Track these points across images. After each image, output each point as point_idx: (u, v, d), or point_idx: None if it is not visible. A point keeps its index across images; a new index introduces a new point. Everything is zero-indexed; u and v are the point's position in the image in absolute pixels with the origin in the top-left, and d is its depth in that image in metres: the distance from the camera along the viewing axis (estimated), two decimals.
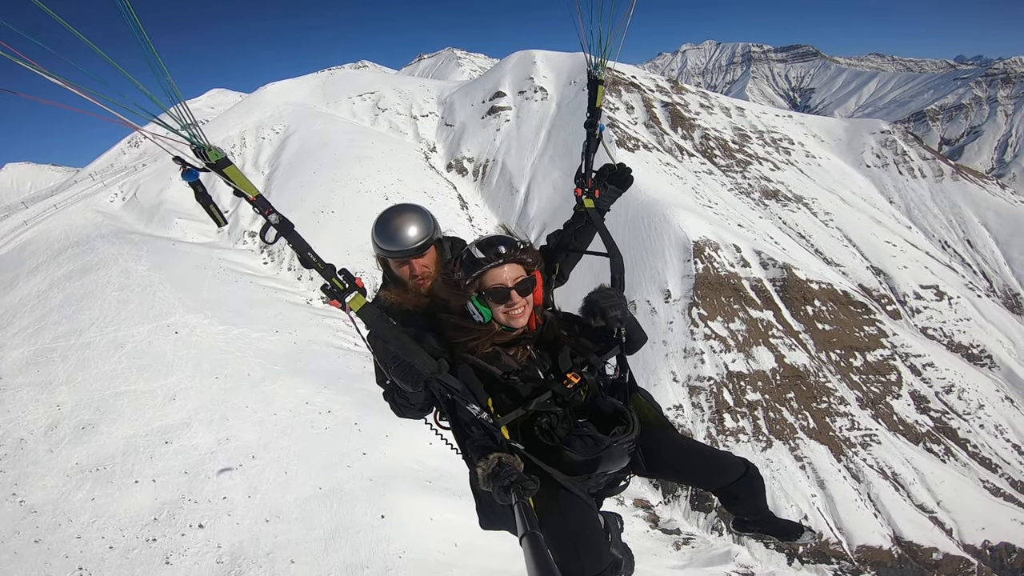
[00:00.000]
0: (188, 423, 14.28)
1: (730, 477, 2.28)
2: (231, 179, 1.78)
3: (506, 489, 1.75)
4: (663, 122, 47.61)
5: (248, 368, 16.75)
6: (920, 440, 28.98)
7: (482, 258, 2.09)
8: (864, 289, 37.00)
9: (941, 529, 26.05)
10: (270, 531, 11.25)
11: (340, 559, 10.69)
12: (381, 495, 12.69)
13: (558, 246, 2.59)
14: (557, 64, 52.73)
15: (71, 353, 16.14)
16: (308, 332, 21.13)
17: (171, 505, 11.60)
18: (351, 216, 33.87)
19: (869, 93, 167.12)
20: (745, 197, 42.34)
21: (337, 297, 1.95)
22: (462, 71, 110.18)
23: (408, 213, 2.42)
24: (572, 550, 1.95)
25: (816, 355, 29.22)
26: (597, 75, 2.47)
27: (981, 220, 46.06)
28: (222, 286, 23.76)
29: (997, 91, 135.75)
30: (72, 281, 20.32)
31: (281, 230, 1.91)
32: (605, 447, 2.02)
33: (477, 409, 2.01)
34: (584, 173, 2.60)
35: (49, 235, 26.06)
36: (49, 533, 10.50)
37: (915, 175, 48.75)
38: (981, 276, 43.31)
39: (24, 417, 14.12)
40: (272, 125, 46.36)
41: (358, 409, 15.89)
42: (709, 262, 29.73)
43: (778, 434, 25.86)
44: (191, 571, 9.90)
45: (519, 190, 41.87)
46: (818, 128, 54.15)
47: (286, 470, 13.28)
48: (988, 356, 35.56)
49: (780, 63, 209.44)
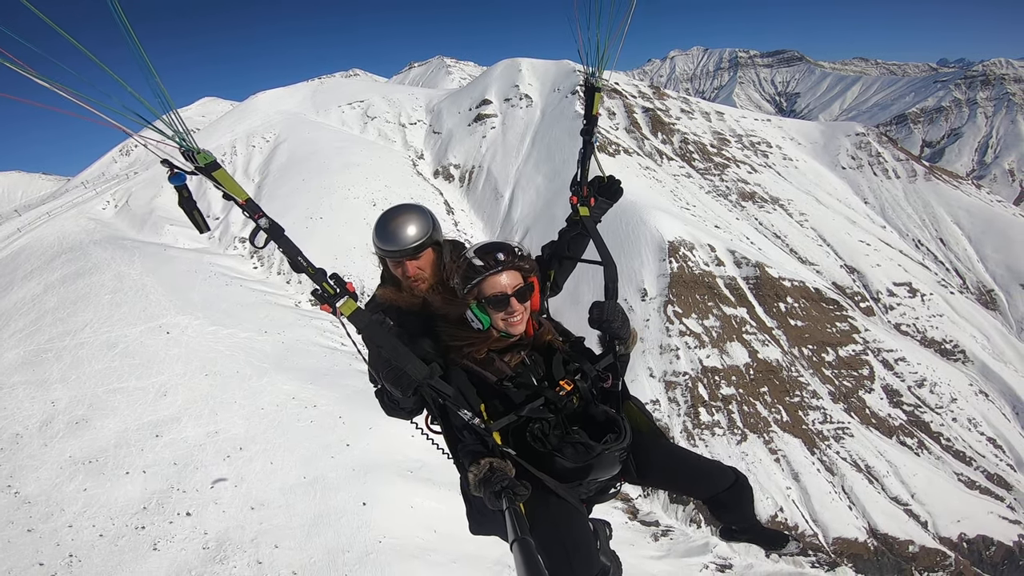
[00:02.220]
0: (178, 418, 14.73)
1: (720, 486, 2.31)
2: (220, 182, 1.77)
3: (497, 494, 1.75)
4: (644, 127, 48.63)
5: (237, 366, 17.29)
6: (893, 433, 29.68)
7: (481, 265, 2.08)
8: (838, 287, 37.93)
9: (916, 522, 26.53)
10: (255, 518, 11.65)
11: (322, 543, 11.10)
12: (363, 484, 13.11)
13: (552, 255, 2.61)
14: (542, 72, 53.71)
15: (65, 353, 16.66)
16: (296, 332, 21.69)
17: (160, 495, 12.01)
18: (339, 222, 34.58)
19: (853, 97, 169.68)
20: (722, 199, 43.40)
21: (328, 302, 1.94)
22: (452, 79, 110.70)
23: (407, 214, 2.39)
24: (562, 556, 1.94)
25: (789, 350, 30.05)
26: (594, 83, 2.48)
27: (953, 219, 47.15)
28: (212, 289, 24.26)
29: (976, 93, 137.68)
30: (66, 285, 20.79)
31: (271, 234, 1.90)
32: (596, 454, 2.02)
33: (469, 414, 2.00)
34: (580, 181, 2.61)
35: (43, 241, 26.50)
36: (42, 522, 10.91)
37: (889, 176, 49.93)
38: (954, 273, 44.39)
39: (20, 413, 14.56)
40: (263, 133, 46.76)
41: (343, 404, 16.39)
42: (684, 261, 30.60)
43: (752, 427, 26.56)
44: (177, 557, 10.28)
45: (504, 195, 42.67)
46: (795, 131, 55.41)
47: (272, 461, 13.73)
48: (961, 351, 36.46)
49: (766, 68, 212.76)
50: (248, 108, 53.46)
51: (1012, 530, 27.58)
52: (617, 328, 2.21)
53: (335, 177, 39.77)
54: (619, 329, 2.22)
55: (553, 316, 2.47)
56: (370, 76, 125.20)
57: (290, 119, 49.72)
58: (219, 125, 50.84)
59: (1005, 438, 32.13)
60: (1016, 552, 26.76)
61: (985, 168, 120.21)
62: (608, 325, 2.21)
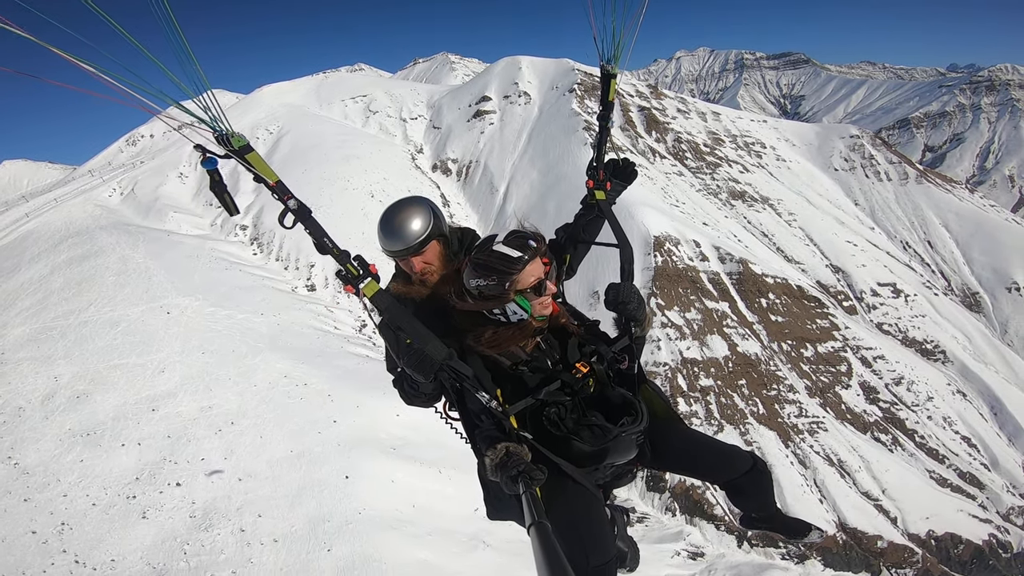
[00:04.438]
0: (174, 393, 15.29)
1: (737, 471, 2.28)
2: (252, 165, 1.80)
3: (514, 479, 1.75)
4: (638, 126, 49.33)
5: (233, 344, 17.97)
6: (868, 429, 30.23)
7: (520, 256, 2.04)
8: (822, 285, 38.56)
9: (886, 517, 26.99)
10: (242, 488, 12.07)
11: (304, 512, 11.49)
12: (347, 458, 13.52)
13: (568, 238, 2.60)
14: (541, 70, 54.41)
15: (70, 331, 17.36)
16: (291, 315, 22.49)
17: (152, 466, 12.28)
18: (337, 212, 35.38)
19: (858, 100, 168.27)
20: (712, 197, 44.12)
21: (351, 283, 1.96)
22: (455, 75, 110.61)
23: (406, 211, 2.35)
24: (577, 540, 1.92)
25: (768, 345, 30.74)
26: (610, 69, 2.45)
27: (942, 222, 47.69)
28: (213, 273, 24.99)
29: (981, 98, 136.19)
30: (72, 267, 21.51)
31: (299, 216, 1.91)
32: (613, 437, 2.01)
33: (487, 397, 1.99)
34: (596, 165, 2.60)
35: (50, 226, 27.28)
36: (38, 492, 11.21)
37: (881, 178, 50.50)
38: (939, 275, 44.93)
39: (24, 388, 15.01)
40: (267, 126, 47.53)
41: (332, 382, 16.96)
42: (668, 256, 31.31)
43: (729, 419, 27.21)
44: (165, 524, 10.66)
45: (499, 189, 43.42)
46: (791, 133, 56.01)
47: (261, 435, 14.20)
48: (942, 351, 37.02)
49: (772, 70, 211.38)
50: (254, 101, 54.24)
51: (982, 529, 28.07)
52: (633, 310, 2.21)
53: (335, 168, 40.55)
54: (635, 311, 2.21)
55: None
56: (375, 71, 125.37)
57: (294, 112, 50.45)
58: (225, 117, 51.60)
59: (980, 437, 32.63)
60: (986, 551, 27.23)
61: (986, 173, 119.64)
62: (624, 307, 2.21)
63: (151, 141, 54.03)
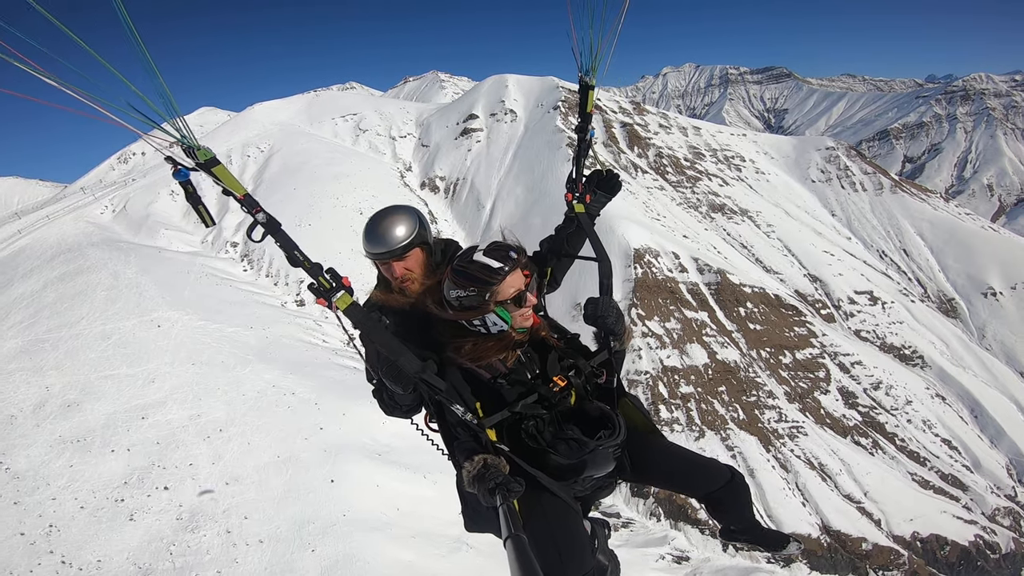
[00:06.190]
0: (164, 402, 15.49)
1: (715, 484, 2.29)
2: (219, 178, 1.81)
3: (491, 491, 1.74)
4: (620, 141, 50.50)
5: (222, 356, 18.26)
6: (848, 433, 30.75)
7: (500, 267, 2.04)
8: (800, 294, 39.37)
9: (869, 519, 27.24)
10: (229, 492, 12.27)
11: (289, 515, 11.66)
12: (333, 464, 13.74)
13: (550, 251, 2.60)
14: (527, 87, 55.63)
15: (62, 343, 17.63)
16: (280, 328, 22.74)
17: (141, 471, 12.39)
18: (326, 228, 35.96)
19: (839, 113, 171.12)
20: (693, 210, 45.14)
21: (324, 295, 1.96)
22: (445, 93, 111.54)
23: (393, 215, 2.37)
24: (555, 553, 1.93)
25: (747, 352, 31.42)
26: (588, 80, 2.44)
27: (917, 231, 48.82)
28: (204, 288, 25.29)
29: (956, 108, 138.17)
30: (64, 282, 21.76)
31: (268, 228, 1.92)
32: (590, 450, 2.00)
33: (462, 410, 1.99)
34: (575, 178, 2.58)
35: (43, 242, 27.48)
36: (27, 496, 11.37)
37: (856, 189, 51.80)
38: (916, 283, 45.93)
39: (15, 397, 15.13)
40: (258, 144, 48.04)
41: (319, 392, 17.22)
42: (648, 267, 32.12)
43: (710, 425, 27.73)
44: (151, 527, 10.81)
45: (485, 206, 44.19)
46: (769, 146, 57.40)
47: (249, 441, 14.44)
48: (920, 356, 37.84)
49: (756, 84, 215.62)
50: (245, 119, 54.76)
51: (968, 530, 28.40)
52: (611, 324, 2.21)
53: (325, 186, 41.08)
54: (613, 325, 2.22)
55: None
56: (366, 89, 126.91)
57: (285, 130, 50.97)
58: (216, 135, 51.80)
59: (961, 440, 33.19)
60: (973, 552, 27.54)
61: (964, 183, 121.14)
62: (603, 321, 2.21)
63: (142, 159, 54.38)
